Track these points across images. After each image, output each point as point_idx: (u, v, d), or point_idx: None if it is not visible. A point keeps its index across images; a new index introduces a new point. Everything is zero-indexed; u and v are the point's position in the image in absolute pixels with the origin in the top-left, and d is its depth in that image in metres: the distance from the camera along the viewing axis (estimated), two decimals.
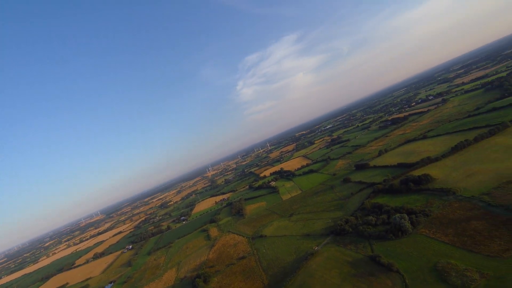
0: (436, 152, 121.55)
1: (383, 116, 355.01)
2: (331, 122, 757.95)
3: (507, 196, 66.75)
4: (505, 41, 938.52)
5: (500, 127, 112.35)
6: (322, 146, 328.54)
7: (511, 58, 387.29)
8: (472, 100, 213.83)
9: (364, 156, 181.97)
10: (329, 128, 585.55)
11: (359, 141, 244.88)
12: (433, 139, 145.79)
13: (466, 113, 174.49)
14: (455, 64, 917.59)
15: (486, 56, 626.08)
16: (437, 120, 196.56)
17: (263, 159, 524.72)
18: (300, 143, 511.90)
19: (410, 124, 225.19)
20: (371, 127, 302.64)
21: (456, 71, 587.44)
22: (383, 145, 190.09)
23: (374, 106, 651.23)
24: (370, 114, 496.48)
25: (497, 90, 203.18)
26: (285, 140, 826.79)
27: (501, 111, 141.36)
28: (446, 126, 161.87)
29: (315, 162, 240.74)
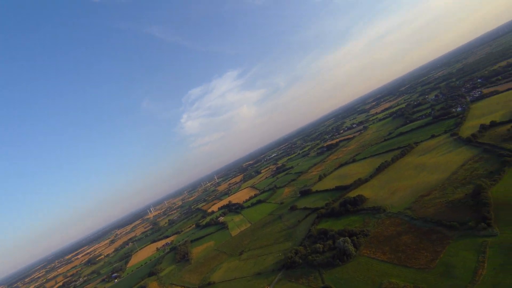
0: (365, 173, 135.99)
1: (320, 143, 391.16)
2: (275, 151, 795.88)
3: (424, 209, 76.41)
4: (401, 80, 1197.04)
5: (408, 149, 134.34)
6: (268, 175, 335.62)
7: (406, 93, 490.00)
8: (385, 127, 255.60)
9: (307, 182, 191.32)
10: (274, 156, 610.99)
11: (301, 168, 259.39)
12: (361, 162, 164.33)
13: (382, 137, 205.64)
14: (369, 97, 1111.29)
15: (389, 91, 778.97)
16: (362, 144, 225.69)
17: (211, 193, 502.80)
18: (248, 173, 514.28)
19: (341, 149, 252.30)
20: (310, 154, 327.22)
21: (370, 103, 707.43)
22: (322, 170, 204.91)
23: (311, 134, 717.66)
24: (309, 141, 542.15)
25: (401, 118, 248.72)
26: (233, 171, 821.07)
27: (406, 135, 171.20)
28: (369, 149, 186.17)
29: (263, 191, 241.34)
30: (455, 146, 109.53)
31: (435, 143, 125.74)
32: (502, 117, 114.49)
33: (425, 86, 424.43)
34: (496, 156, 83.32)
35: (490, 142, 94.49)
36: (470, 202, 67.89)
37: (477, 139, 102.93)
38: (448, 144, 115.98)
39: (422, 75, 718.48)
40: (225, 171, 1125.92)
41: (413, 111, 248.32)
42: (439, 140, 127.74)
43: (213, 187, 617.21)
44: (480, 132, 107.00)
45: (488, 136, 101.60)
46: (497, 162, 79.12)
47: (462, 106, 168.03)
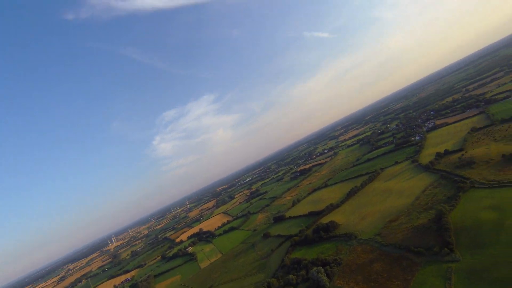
0: (337, 198, 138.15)
1: (293, 167, 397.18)
2: (250, 175, 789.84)
3: (392, 235, 77.84)
4: (365, 110, 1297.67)
5: (375, 174, 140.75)
6: (242, 200, 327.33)
7: (370, 122, 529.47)
8: (353, 153, 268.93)
9: (281, 208, 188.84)
10: (249, 181, 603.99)
11: (275, 193, 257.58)
12: (332, 186, 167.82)
13: (351, 163, 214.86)
14: (338, 125, 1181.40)
15: (356, 120, 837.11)
16: (333, 169, 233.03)
17: (181, 220, 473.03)
18: (221, 198, 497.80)
19: (314, 174, 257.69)
20: (284, 179, 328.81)
21: (339, 130, 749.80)
22: (296, 195, 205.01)
23: (285, 159, 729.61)
24: (283, 166, 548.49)
25: (367, 145, 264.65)
26: (206, 196, 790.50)
27: (373, 161, 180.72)
28: (340, 174, 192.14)
29: (236, 218, 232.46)
30: (416, 172, 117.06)
31: (399, 169, 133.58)
32: (453, 146, 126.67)
33: (387, 116, 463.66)
34: (452, 182, 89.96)
35: (446, 169, 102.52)
36: (434, 227, 70.71)
37: (434, 166, 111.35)
38: (410, 171, 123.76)
39: (384, 106, 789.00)
40: (198, 196, 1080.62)
41: (377, 138, 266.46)
42: (402, 166, 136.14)
43: (184, 213, 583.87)
44: (436, 159, 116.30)
45: (443, 163, 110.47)
46: (453, 188, 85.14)
47: (419, 135, 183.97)
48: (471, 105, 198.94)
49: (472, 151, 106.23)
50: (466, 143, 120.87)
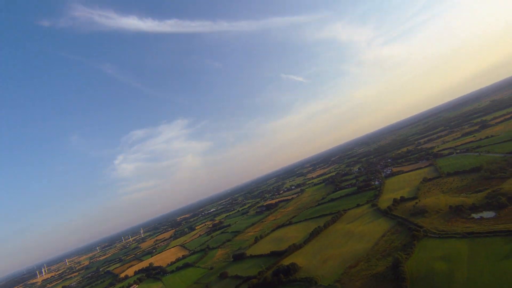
0: (300, 237, 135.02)
1: (260, 201, 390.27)
2: (215, 205, 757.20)
3: (352, 282, 75.69)
4: (333, 151, 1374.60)
5: (338, 215, 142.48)
6: (203, 232, 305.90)
7: (336, 163, 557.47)
8: (319, 191, 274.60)
9: (243, 244, 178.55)
10: (212, 212, 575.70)
11: (239, 227, 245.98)
12: (296, 225, 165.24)
13: (317, 202, 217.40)
14: (307, 162, 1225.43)
15: (323, 159, 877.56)
16: (299, 207, 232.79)
17: (131, 251, 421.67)
18: (180, 228, 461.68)
19: (280, 210, 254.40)
20: (249, 212, 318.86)
21: (307, 168, 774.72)
22: (259, 231, 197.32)
23: (253, 191, 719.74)
24: (250, 199, 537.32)
25: (332, 185, 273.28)
26: (164, 225, 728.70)
27: (337, 201, 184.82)
28: (305, 213, 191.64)
29: (193, 252, 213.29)
30: (376, 217, 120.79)
31: (360, 212, 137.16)
32: (408, 193, 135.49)
33: (351, 159, 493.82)
34: (407, 229, 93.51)
35: (402, 216, 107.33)
36: (391, 276, 70.38)
37: (392, 211, 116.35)
38: (370, 214, 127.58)
39: (348, 149, 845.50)
40: (155, 224, 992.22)
41: (341, 179, 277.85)
42: (363, 209, 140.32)
43: (136, 243, 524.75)
44: (394, 205, 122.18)
45: (400, 210, 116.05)
46: (408, 235, 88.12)
47: (379, 180, 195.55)
48: (422, 157, 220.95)
49: (424, 200, 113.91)
50: (419, 192, 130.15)
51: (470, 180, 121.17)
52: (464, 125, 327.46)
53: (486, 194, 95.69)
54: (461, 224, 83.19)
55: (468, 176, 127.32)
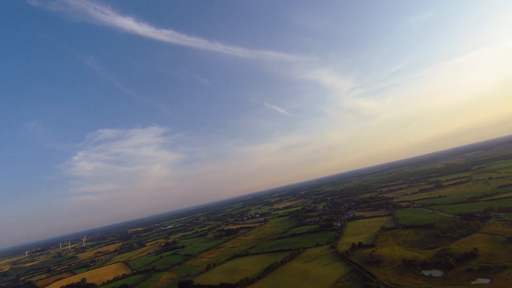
0: (254, 271, 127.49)
1: (221, 225, 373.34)
2: (174, 222, 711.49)
3: None
4: (302, 185, 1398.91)
5: (296, 253, 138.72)
6: (152, 251, 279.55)
7: (303, 197, 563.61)
8: (282, 224, 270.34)
9: (193, 270, 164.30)
10: (169, 229, 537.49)
11: (193, 250, 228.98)
12: (253, 256, 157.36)
13: (278, 234, 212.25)
14: (275, 192, 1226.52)
15: (292, 191, 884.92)
16: (259, 237, 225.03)
17: (66, 260, 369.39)
18: (129, 243, 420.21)
19: (240, 237, 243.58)
20: (208, 235, 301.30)
21: (275, 198, 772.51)
22: (214, 258, 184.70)
23: (216, 213, 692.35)
24: (212, 220, 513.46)
25: (296, 219, 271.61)
26: (112, 236, 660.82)
27: (297, 237, 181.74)
28: (264, 244, 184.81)
29: (136, 273, 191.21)
30: (333, 260, 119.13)
31: (319, 252, 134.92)
32: (367, 240, 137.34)
33: (318, 196, 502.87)
34: (361, 278, 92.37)
35: (358, 263, 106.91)
36: None
37: (349, 256, 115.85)
38: (328, 256, 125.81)
39: (317, 186, 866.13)
40: (101, 234, 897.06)
41: (306, 215, 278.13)
42: (322, 249, 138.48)
43: (74, 252, 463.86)
44: (352, 250, 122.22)
45: (357, 256, 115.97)
46: (361, 285, 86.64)
47: (341, 222, 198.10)
48: (383, 205, 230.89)
49: (381, 250, 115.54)
50: (376, 240, 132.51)
51: (423, 235, 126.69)
52: (422, 181, 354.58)
53: (436, 252, 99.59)
54: (412, 280, 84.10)
55: (422, 231, 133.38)
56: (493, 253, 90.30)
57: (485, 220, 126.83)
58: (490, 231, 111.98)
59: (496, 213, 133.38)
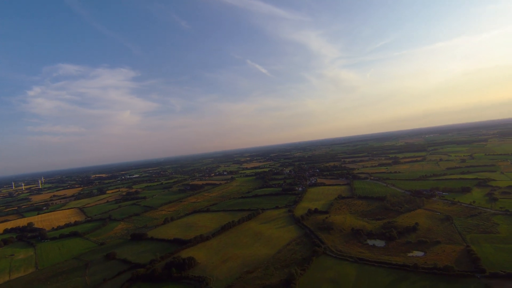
0: (211, 228, 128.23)
1: (188, 179, 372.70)
2: (141, 171, 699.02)
3: None
4: (274, 147, 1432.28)
5: (255, 213, 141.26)
6: (112, 199, 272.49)
7: (273, 160, 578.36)
8: (248, 184, 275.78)
9: (150, 222, 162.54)
10: (134, 178, 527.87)
11: (154, 202, 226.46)
12: (213, 213, 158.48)
13: (242, 194, 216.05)
14: (248, 152, 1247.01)
15: (263, 153, 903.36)
16: (223, 194, 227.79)
17: (16, 201, 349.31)
18: (89, 188, 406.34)
19: (204, 193, 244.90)
20: (172, 188, 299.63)
21: (246, 157, 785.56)
22: (174, 211, 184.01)
23: (186, 167, 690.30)
24: (179, 173, 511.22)
25: (261, 180, 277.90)
26: (72, 181, 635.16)
27: (259, 198, 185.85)
28: (226, 203, 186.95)
29: (90, 220, 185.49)
30: (288, 223, 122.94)
31: (276, 215, 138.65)
32: (322, 206, 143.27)
33: (286, 160, 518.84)
34: (311, 242, 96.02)
35: (311, 228, 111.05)
36: None
37: (304, 221, 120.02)
38: (285, 219, 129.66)
39: (287, 150, 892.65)
40: (61, 177, 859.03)
41: (271, 177, 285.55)
42: (279, 212, 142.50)
43: (29, 193, 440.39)
44: (307, 215, 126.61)
45: (311, 221, 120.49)
46: (310, 249, 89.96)
47: (303, 187, 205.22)
48: (344, 174, 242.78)
49: (334, 217, 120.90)
50: (332, 207, 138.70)
51: (374, 207, 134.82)
52: (382, 156, 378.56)
53: (382, 224, 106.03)
54: (357, 248, 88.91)
55: (374, 203, 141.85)
56: (431, 228, 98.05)
57: (429, 197, 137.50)
58: (432, 208, 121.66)
59: (440, 192, 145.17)
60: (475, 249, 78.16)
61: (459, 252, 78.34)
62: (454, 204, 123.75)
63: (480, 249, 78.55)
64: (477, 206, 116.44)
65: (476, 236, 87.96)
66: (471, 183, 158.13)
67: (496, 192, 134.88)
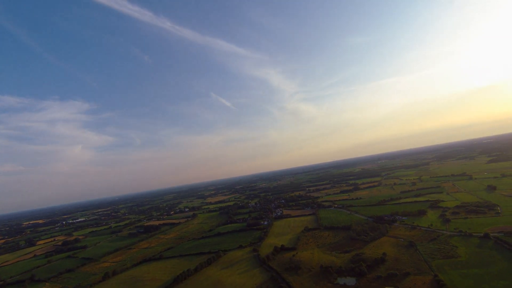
0: (161, 281, 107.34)
1: (143, 219, 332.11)
2: (88, 214, 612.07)
3: None
4: (240, 179, 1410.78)
5: (216, 256, 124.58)
6: (43, 252, 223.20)
7: (238, 192, 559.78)
8: (210, 220, 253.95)
9: (85, 279, 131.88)
10: (79, 222, 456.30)
11: (96, 251, 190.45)
12: (166, 261, 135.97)
13: (203, 233, 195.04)
14: (213, 184, 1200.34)
15: (228, 185, 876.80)
16: (182, 235, 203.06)
17: None
18: (16, 240, 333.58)
19: (159, 236, 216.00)
20: (122, 232, 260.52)
21: (210, 191, 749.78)
22: (119, 262, 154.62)
23: (143, 205, 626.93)
24: (134, 213, 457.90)
25: (225, 215, 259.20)
26: None
27: (222, 237, 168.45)
28: (184, 245, 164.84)
29: (2, 285, 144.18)
30: (252, 265, 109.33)
31: (240, 256, 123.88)
32: (289, 241, 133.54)
33: (252, 192, 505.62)
34: None
35: (277, 269, 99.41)
36: None
37: (269, 261, 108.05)
38: (248, 261, 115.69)
39: (253, 181, 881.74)
40: None
41: (236, 211, 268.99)
42: (243, 252, 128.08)
43: None
44: (273, 254, 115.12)
45: (277, 260, 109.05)
46: None
47: (268, 220, 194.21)
48: (309, 204, 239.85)
49: (301, 254, 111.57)
50: (299, 242, 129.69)
51: (341, 237, 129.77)
52: (343, 183, 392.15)
53: (351, 257, 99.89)
54: None
55: (340, 233, 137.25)
56: (398, 258, 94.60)
57: (391, 223, 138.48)
58: (395, 234, 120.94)
59: (400, 217, 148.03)
60: (443, 278, 75.28)
61: (429, 284, 74.40)
62: (414, 228, 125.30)
63: (447, 277, 75.93)
64: (435, 229, 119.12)
65: (440, 262, 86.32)
66: (425, 205, 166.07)
67: (447, 213, 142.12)
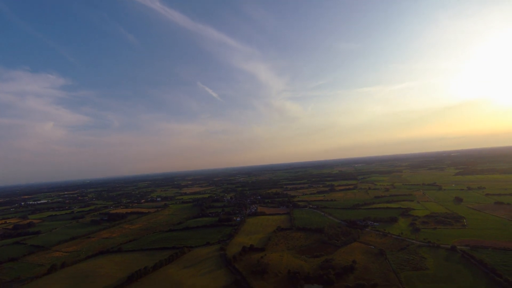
0: (115, 278, 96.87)
1: (110, 206, 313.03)
2: (53, 196, 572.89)
3: None
4: (219, 171, 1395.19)
5: (179, 253, 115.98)
6: None
7: (216, 185, 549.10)
8: (182, 212, 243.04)
9: (28, 271, 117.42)
10: (39, 204, 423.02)
11: (50, 238, 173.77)
12: (124, 255, 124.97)
13: (171, 225, 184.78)
14: (192, 174, 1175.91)
15: (206, 177, 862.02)
16: (148, 226, 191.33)
17: None
18: None
19: (125, 225, 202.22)
20: (85, 218, 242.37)
21: (188, 181, 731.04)
22: (73, 252, 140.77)
23: (114, 190, 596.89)
24: (102, 199, 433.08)
25: (198, 208, 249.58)
26: None
27: (190, 231, 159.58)
28: (148, 238, 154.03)
29: None
30: (217, 266, 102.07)
31: (205, 254, 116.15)
32: (260, 241, 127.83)
33: (230, 185, 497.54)
34: None
35: (243, 272, 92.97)
36: None
37: (236, 262, 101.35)
38: (214, 260, 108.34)
39: (232, 175, 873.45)
40: None
41: (210, 204, 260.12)
42: (209, 251, 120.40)
43: None
44: (241, 254, 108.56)
45: (245, 261, 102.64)
46: None
47: (241, 216, 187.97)
48: (284, 202, 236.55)
49: (270, 256, 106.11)
50: (269, 243, 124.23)
51: (313, 240, 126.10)
52: (320, 184, 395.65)
53: (320, 263, 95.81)
54: None
55: (312, 235, 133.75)
56: (367, 266, 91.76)
57: (363, 228, 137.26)
58: (366, 240, 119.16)
59: (372, 222, 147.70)
60: None
61: None
62: (385, 235, 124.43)
63: None
64: (405, 238, 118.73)
65: (409, 274, 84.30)
66: (397, 212, 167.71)
67: (417, 222, 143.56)
